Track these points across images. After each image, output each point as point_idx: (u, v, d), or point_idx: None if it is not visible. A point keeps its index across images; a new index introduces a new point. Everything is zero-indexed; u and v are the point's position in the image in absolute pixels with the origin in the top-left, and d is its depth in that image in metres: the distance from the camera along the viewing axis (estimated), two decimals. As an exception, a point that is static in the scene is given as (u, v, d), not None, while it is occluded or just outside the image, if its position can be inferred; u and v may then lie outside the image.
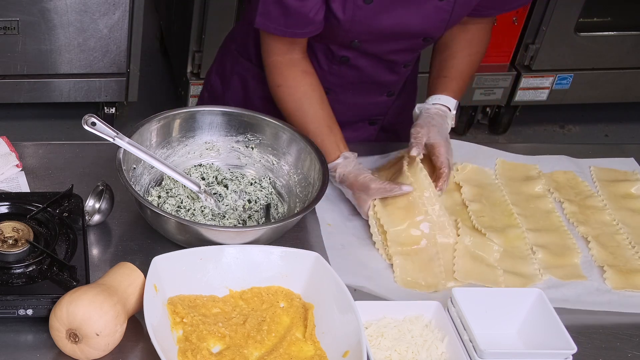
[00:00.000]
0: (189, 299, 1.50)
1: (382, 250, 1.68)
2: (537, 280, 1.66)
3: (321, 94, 1.79)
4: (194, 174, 1.78)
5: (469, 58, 1.89)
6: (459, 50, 1.88)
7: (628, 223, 1.82)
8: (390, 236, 1.66)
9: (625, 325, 1.61)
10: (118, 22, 3.10)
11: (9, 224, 1.52)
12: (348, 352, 1.41)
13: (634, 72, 3.57)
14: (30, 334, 1.45)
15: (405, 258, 1.65)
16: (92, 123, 1.58)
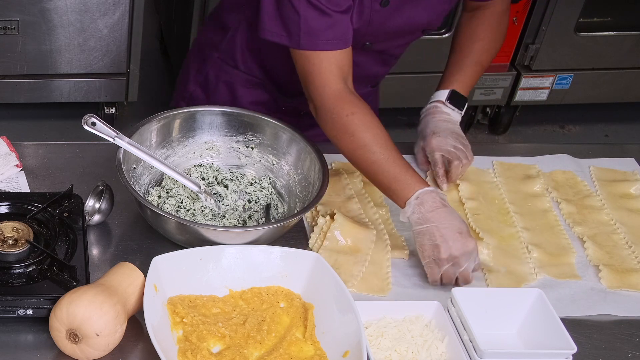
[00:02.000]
0: (189, 299, 1.50)
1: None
2: (531, 280, 1.67)
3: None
4: (194, 174, 1.78)
5: (479, 50, 1.90)
6: (465, 41, 1.90)
7: (626, 223, 1.82)
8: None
9: (625, 325, 1.61)
10: (118, 22, 3.10)
11: (9, 224, 1.52)
12: (348, 352, 1.41)
13: (634, 72, 3.57)
14: (30, 334, 1.46)
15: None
16: (92, 123, 1.58)
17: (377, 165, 1.62)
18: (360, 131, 1.63)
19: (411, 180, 1.60)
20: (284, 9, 1.63)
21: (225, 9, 1.93)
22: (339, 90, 1.65)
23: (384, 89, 2.17)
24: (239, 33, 1.88)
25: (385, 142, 1.63)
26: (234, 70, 1.93)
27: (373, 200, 1.80)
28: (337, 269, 1.56)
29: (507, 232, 1.77)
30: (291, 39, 1.65)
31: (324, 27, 1.63)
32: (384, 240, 1.69)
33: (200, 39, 2.03)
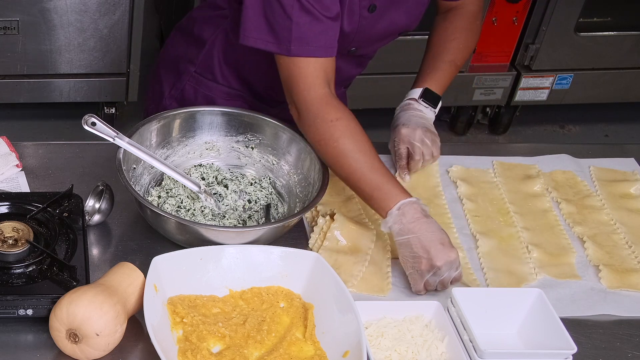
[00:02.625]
0: (189, 299, 1.50)
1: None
2: (531, 280, 1.67)
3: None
4: (194, 174, 1.78)
5: (454, 48, 1.90)
6: (439, 41, 1.90)
7: (626, 223, 1.82)
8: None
9: (625, 325, 1.61)
10: (118, 22, 3.10)
11: (9, 224, 1.52)
12: (348, 352, 1.41)
13: (634, 72, 3.57)
14: (30, 334, 1.45)
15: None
16: (92, 123, 1.58)
17: (359, 173, 1.61)
18: (344, 137, 1.61)
19: (393, 190, 1.59)
20: (274, 15, 1.62)
21: (198, 23, 1.91)
22: (324, 95, 1.64)
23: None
24: (215, 47, 1.87)
25: (369, 150, 1.62)
26: (212, 84, 1.91)
27: None
28: (337, 269, 1.56)
29: (507, 232, 1.77)
30: (280, 45, 1.63)
31: (316, 34, 1.62)
32: (384, 240, 1.69)
33: (171, 53, 1.99)
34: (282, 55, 1.64)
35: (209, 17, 1.88)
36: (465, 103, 3.58)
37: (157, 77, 2.02)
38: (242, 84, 1.91)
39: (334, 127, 1.62)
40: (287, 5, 1.59)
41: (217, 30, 1.86)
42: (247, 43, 1.66)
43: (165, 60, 2.01)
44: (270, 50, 1.65)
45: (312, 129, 1.65)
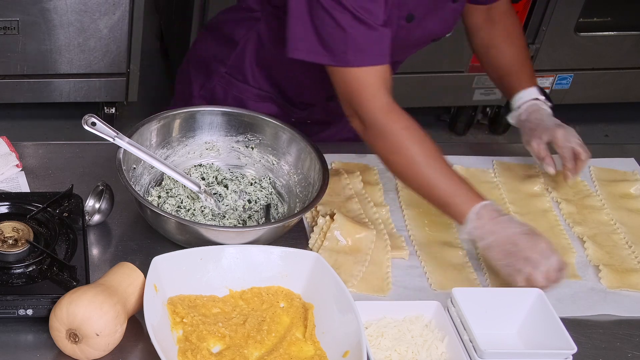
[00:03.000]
0: (189, 299, 1.50)
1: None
2: None
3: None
4: (194, 174, 1.78)
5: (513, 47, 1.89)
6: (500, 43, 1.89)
7: (626, 223, 1.82)
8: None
9: (625, 325, 1.61)
10: (118, 22, 3.10)
11: (9, 224, 1.52)
12: (348, 352, 1.41)
13: (634, 72, 3.57)
14: (30, 334, 1.45)
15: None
16: (92, 123, 1.58)
17: (433, 181, 1.58)
18: (416, 145, 1.59)
19: (468, 195, 1.58)
20: (325, 27, 1.58)
21: (229, 23, 1.90)
22: (389, 104, 1.61)
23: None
24: (247, 48, 1.86)
25: (440, 157, 1.60)
26: (243, 85, 1.90)
27: (373, 200, 1.80)
28: (337, 269, 1.56)
29: (507, 232, 1.77)
30: (334, 57, 1.60)
31: (371, 42, 1.58)
32: (384, 240, 1.69)
33: (201, 53, 1.99)
34: (337, 67, 1.61)
35: (240, 18, 1.87)
36: (465, 103, 3.57)
37: (186, 77, 2.01)
38: (273, 86, 1.90)
39: (404, 136, 1.59)
40: (339, 18, 1.56)
41: (250, 32, 1.84)
42: (296, 56, 1.63)
43: (193, 60, 2.00)
44: (323, 62, 1.62)
45: (380, 139, 1.61)
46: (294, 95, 1.92)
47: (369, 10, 1.57)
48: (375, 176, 1.88)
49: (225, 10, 1.96)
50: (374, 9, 1.58)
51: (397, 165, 1.62)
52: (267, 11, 1.80)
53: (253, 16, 1.84)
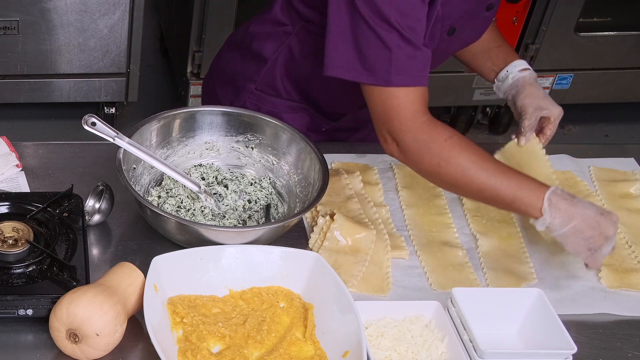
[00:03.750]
0: (189, 299, 1.50)
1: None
2: (531, 280, 1.67)
3: None
4: (194, 174, 1.78)
5: (495, 27, 1.91)
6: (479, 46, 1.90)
7: (625, 222, 1.82)
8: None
9: (625, 325, 1.61)
10: (118, 22, 3.10)
11: (9, 224, 1.52)
12: (348, 352, 1.41)
13: (634, 72, 3.57)
14: (30, 334, 1.45)
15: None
16: (92, 123, 1.58)
17: (494, 180, 1.55)
18: (464, 152, 1.56)
19: (533, 185, 1.56)
20: (369, 46, 1.55)
21: (256, 39, 1.86)
22: (429, 120, 1.58)
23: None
24: (278, 63, 1.84)
25: (490, 158, 1.59)
26: (276, 99, 1.88)
27: (373, 200, 1.80)
28: (337, 269, 1.56)
29: (507, 231, 1.77)
30: (376, 76, 1.56)
31: (415, 62, 1.56)
32: (384, 240, 1.69)
33: (226, 70, 1.96)
34: (377, 86, 1.58)
35: (269, 33, 1.84)
36: (465, 103, 3.57)
37: (212, 94, 1.98)
38: (304, 98, 1.89)
39: (450, 146, 1.56)
40: (386, 36, 1.53)
41: (281, 47, 1.82)
42: (334, 74, 1.60)
43: (219, 77, 1.97)
44: (363, 81, 1.59)
45: (425, 155, 1.58)
46: (326, 105, 1.90)
47: (415, 30, 1.55)
48: (375, 176, 1.88)
49: (251, 24, 1.91)
50: (419, 28, 1.56)
51: (448, 176, 1.58)
52: (298, 25, 1.78)
53: (284, 30, 1.81)
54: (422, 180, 1.87)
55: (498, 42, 1.90)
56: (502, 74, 1.87)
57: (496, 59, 1.88)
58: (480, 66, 1.92)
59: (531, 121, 1.80)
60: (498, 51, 1.89)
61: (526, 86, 1.84)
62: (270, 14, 1.84)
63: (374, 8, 1.52)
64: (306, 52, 1.79)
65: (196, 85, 3.31)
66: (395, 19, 1.52)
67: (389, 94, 1.58)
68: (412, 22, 1.54)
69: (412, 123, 1.58)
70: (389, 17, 1.52)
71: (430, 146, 1.57)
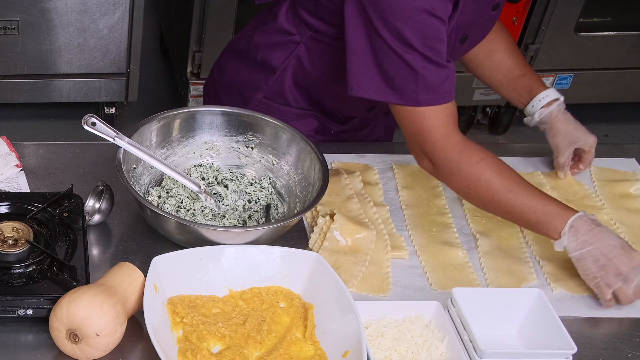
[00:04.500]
0: (189, 299, 1.50)
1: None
2: (531, 280, 1.67)
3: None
4: (194, 174, 1.78)
5: (516, 51, 1.92)
6: (503, 48, 1.90)
7: (625, 222, 1.82)
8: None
9: (625, 325, 1.61)
10: (118, 22, 3.10)
11: (9, 224, 1.52)
12: (348, 352, 1.41)
13: (634, 72, 3.57)
14: (30, 334, 1.45)
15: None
16: (92, 123, 1.58)
17: (520, 205, 1.59)
18: (495, 174, 1.59)
19: (557, 210, 1.59)
20: (394, 68, 1.56)
21: (262, 49, 1.85)
22: (461, 140, 1.61)
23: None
24: (287, 73, 1.83)
25: (520, 180, 1.61)
26: (285, 107, 1.88)
27: (373, 200, 1.80)
28: (337, 269, 1.56)
29: (507, 231, 1.77)
30: (404, 96, 1.58)
31: (441, 80, 1.58)
32: (384, 240, 1.69)
33: (230, 79, 1.95)
34: (406, 106, 1.60)
35: (276, 42, 1.82)
36: (465, 103, 3.57)
37: (218, 102, 1.96)
38: (313, 105, 1.89)
39: (482, 168, 1.59)
40: (409, 59, 1.54)
41: (289, 56, 1.81)
42: (360, 94, 1.62)
43: (224, 86, 1.96)
44: (392, 101, 1.60)
45: (457, 176, 1.61)
46: (335, 111, 1.90)
47: (438, 50, 1.56)
48: (375, 176, 1.88)
49: (251, 33, 1.90)
50: (440, 47, 1.57)
51: (479, 197, 1.62)
52: (306, 35, 1.77)
53: (291, 40, 1.80)
54: (422, 180, 1.87)
55: (522, 70, 1.90)
56: (528, 108, 1.89)
57: (522, 90, 1.90)
58: (508, 96, 1.94)
59: (564, 158, 1.88)
60: (522, 81, 1.89)
61: (554, 123, 1.87)
62: (275, 24, 1.82)
63: (395, 33, 1.53)
64: (316, 61, 1.79)
65: (196, 85, 3.31)
66: (417, 42, 1.53)
67: (419, 115, 1.60)
68: (435, 43, 1.55)
69: (445, 144, 1.60)
70: (411, 42, 1.53)
71: (462, 167, 1.60)
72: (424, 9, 1.52)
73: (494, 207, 1.63)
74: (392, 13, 1.53)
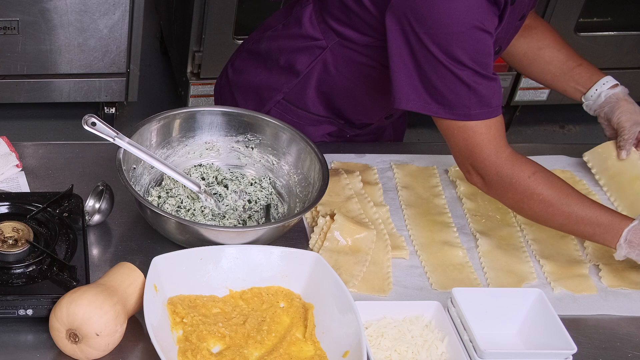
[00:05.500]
0: (189, 299, 1.50)
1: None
2: (531, 279, 1.67)
3: None
4: (194, 174, 1.78)
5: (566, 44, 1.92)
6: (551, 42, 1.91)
7: None
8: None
9: (625, 325, 1.61)
10: (118, 22, 3.10)
11: (9, 224, 1.52)
12: (348, 352, 1.41)
13: (634, 72, 3.57)
14: (30, 334, 1.45)
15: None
16: (92, 123, 1.58)
17: (575, 217, 1.60)
18: (547, 188, 1.60)
19: (612, 221, 1.60)
20: (444, 83, 1.56)
21: (285, 53, 1.84)
22: (512, 154, 1.61)
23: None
24: (311, 77, 1.82)
25: (572, 192, 1.61)
26: (302, 112, 1.88)
27: (373, 200, 1.80)
28: (337, 270, 1.56)
29: (507, 231, 1.77)
30: (455, 111, 1.58)
31: (492, 94, 1.58)
32: (385, 240, 1.69)
33: (249, 80, 1.93)
34: (456, 121, 1.59)
35: (300, 47, 1.81)
36: (465, 103, 3.57)
37: (233, 102, 1.96)
38: (332, 111, 1.88)
39: (535, 182, 1.60)
40: (461, 74, 1.54)
41: (314, 61, 1.80)
42: (409, 108, 1.61)
43: (241, 87, 1.95)
44: (442, 116, 1.60)
45: (509, 191, 1.61)
46: (354, 117, 1.90)
47: (486, 64, 1.56)
48: (375, 176, 1.88)
49: (274, 36, 1.88)
50: (489, 61, 1.57)
51: (532, 211, 1.62)
52: (333, 41, 1.76)
53: (316, 45, 1.79)
54: (421, 180, 1.87)
55: (577, 60, 1.90)
56: (591, 92, 1.89)
57: (580, 78, 1.90)
58: (563, 87, 1.93)
59: (630, 135, 1.86)
60: (580, 70, 1.90)
61: (620, 102, 1.87)
62: (300, 29, 1.81)
63: (445, 48, 1.53)
64: (342, 67, 1.78)
65: (196, 85, 3.31)
66: (469, 59, 1.54)
67: (470, 130, 1.60)
68: (484, 58, 1.56)
69: (496, 159, 1.60)
70: (462, 58, 1.53)
71: (514, 182, 1.60)
72: (474, 26, 1.52)
73: (548, 220, 1.63)
74: (441, 28, 1.52)
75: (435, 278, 1.66)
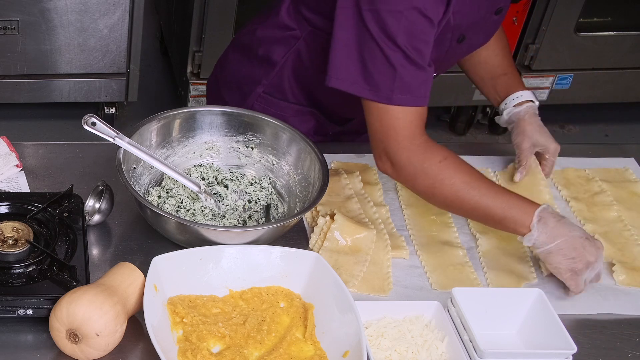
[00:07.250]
0: (189, 299, 1.50)
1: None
2: (531, 279, 1.67)
3: None
4: (194, 174, 1.78)
5: (505, 50, 1.91)
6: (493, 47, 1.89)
7: (634, 221, 1.82)
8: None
9: (625, 325, 1.61)
10: (118, 22, 3.10)
11: (9, 224, 1.52)
12: (348, 352, 1.41)
13: (634, 72, 3.57)
14: (30, 334, 1.46)
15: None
16: (92, 123, 1.58)
17: (485, 202, 1.58)
18: (458, 173, 1.59)
19: (523, 204, 1.59)
20: (374, 63, 1.55)
21: (264, 43, 1.85)
22: (426, 140, 1.60)
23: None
24: (287, 67, 1.83)
25: (482, 178, 1.61)
26: (284, 103, 1.88)
27: (373, 200, 1.80)
28: (337, 270, 1.56)
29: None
30: (378, 93, 1.57)
31: (418, 83, 1.57)
32: (384, 240, 1.69)
33: (232, 74, 1.95)
34: (377, 103, 1.59)
35: (277, 38, 1.83)
36: (465, 103, 3.57)
37: (219, 97, 1.98)
38: (312, 102, 1.89)
39: (445, 167, 1.59)
40: (391, 55, 1.54)
41: (289, 52, 1.81)
42: (336, 86, 1.61)
43: (225, 81, 1.97)
44: (365, 96, 1.59)
45: (420, 176, 1.60)
46: (334, 110, 1.90)
47: (420, 51, 1.55)
48: (375, 176, 1.88)
49: (254, 27, 1.90)
50: (424, 50, 1.56)
51: (442, 197, 1.61)
52: (306, 31, 1.77)
53: (292, 35, 1.80)
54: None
55: (505, 70, 1.90)
56: (501, 106, 1.89)
57: (500, 88, 1.90)
58: (486, 92, 1.94)
59: (522, 158, 1.85)
60: (503, 79, 1.90)
61: (520, 122, 1.86)
62: (277, 19, 1.82)
63: (382, 26, 1.53)
64: (314, 57, 1.79)
65: (196, 85, 3.31)
66: (402, 40, 1.53)
67: (388, 113, 1.59)
68: (419, 44, 1.55)
69: (409, 144, 1.59)
70: (396, 38, 1.53)
71: (425, 167, 1.59)
72: (415, 7, 1.52)
73: (459, 205, 1.61)
74: (383, 5, 1.52)
75: (435, 278, 1.66)
